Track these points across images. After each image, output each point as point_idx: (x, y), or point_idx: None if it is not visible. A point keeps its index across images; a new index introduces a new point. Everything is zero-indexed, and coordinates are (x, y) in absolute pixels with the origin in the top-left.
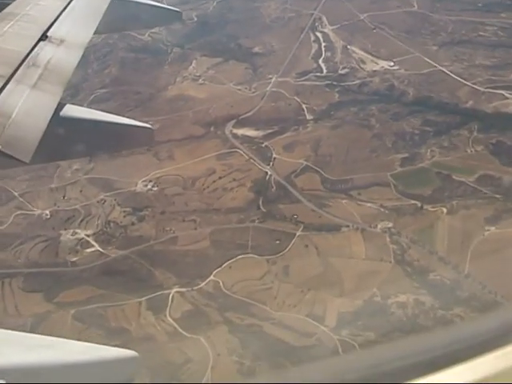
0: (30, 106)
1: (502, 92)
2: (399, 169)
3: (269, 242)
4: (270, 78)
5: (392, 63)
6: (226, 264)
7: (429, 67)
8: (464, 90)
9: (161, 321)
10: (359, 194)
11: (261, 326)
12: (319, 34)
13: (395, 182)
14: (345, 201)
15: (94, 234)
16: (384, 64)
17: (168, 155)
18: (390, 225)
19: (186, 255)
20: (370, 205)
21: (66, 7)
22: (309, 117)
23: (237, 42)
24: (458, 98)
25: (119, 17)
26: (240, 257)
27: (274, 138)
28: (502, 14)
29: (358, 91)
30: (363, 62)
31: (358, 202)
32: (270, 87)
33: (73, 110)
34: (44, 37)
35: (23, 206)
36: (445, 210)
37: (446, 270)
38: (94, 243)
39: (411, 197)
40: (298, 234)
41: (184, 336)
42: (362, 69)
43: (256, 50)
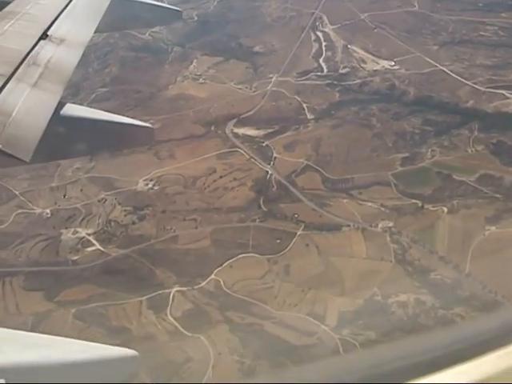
0: (30, 104)
1: (503, 92)
2: (400, 168)
3: (269, 241)
4: (271, 78)
5: (393, 63)
6: (226, 263)
7: (429, 67)
8: (465, 90)
9: (161, 320)
10: (360, 193)
11: (261, 325)
12: (320, 34)
13: (396, 181)
14: (345, 200)
15: (95, 232)
16: (385, 63)
17: (169, 154)
18: (391, 224)
19: (187, 254)
20: (370, 204)
21: (66, 6)
22: (309, 116)
23: (237, 41)
24: (458, 98)
25: (120, 16)
26: (241, 256)
27: (275, 138)
28: (503, 14)
29: (358, 91)
30: (364, 61)
31: (359, 202)
32: (270, 86)
33: (73, 109)
34: (44, 36)
35: (24, 205)
36: (445, 210)
37: (446, 270)
38: (94, 242)
39: (412, 196)
40: (298, 234)
41: (185, 335)
42: (362, 68)
43: (257, 49)
